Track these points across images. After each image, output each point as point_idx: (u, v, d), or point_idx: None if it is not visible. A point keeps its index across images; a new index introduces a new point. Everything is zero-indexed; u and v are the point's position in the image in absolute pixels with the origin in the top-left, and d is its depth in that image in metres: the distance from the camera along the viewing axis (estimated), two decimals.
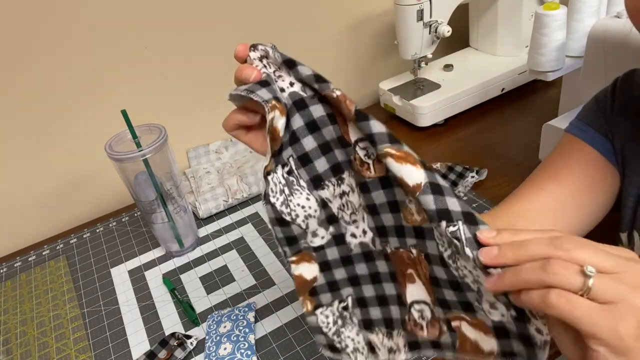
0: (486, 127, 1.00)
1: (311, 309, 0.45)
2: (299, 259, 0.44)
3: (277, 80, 0.42)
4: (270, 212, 0.41)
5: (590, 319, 0.27)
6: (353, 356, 0.45)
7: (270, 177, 0.41)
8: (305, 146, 0.41)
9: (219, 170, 0.95)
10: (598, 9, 0.77)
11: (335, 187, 0.42)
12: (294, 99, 0.41)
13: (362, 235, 0.43)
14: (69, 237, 0.89)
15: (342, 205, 0.43)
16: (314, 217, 0.43)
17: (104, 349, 0.66)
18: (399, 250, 0.41)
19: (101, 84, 0.87)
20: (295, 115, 0.41)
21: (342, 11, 1.05)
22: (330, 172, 0.42)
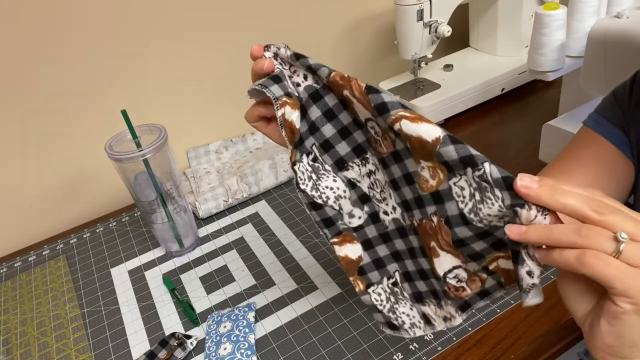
0: (486, 127, 1.00)
1: (363, 288, 0.47)
2: (341, 240, 0.46)
3: (292, 75, 0.46)
4: (304, 198, 0.45)
5: (623, 278, 0.29)
6: (411, 332, 0.47)
7: (297, 167, 0.44)
8: (325, 133, 0.45)
9: (219, 170, 0.95)
10: (598, 9, 0.77)
11: (361, 167, 0.44)
12: (309, 92, 0.45)
13: (393, 211, 0.45)
14: (69, 237, 0.89)
15: (371, 184, 0.45)
16: (345, 198, 0.45)
17: (104, 349, 0.66)
18: (422, 222, 0.43)
19: (101, 84, 0.87)
20: (313, 107, 0.45)
21: (342, 11, 1.05)
22: (352, 154, 0.45)
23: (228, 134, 1.03)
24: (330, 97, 0.44)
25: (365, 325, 0.62)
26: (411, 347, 0.58)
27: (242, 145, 1.01)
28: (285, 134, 0.44)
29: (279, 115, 0.43)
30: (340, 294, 0.67)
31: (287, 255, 0.76)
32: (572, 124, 0.77)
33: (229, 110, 1.01)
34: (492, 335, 0.59)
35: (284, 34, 1.00)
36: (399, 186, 0.43)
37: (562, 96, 0.88)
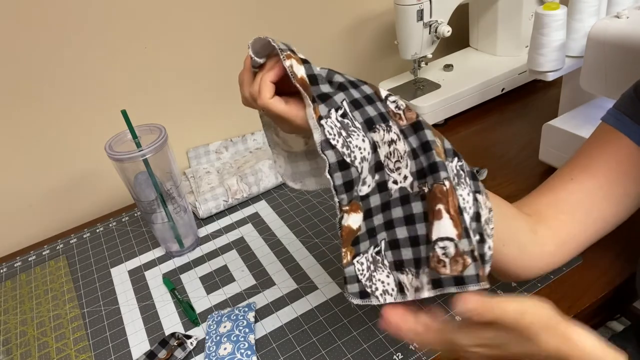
0: (486, 127, 1.00)
1: (350, 259, 0.46)
2: (350, 209, 0.45)
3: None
4: (332, 157, 0.42)
5: None
6: (382, 298, 0.46)
7: (324, 122, 0.42)
8: (353, 94, 0.45)
9: (219, 170, 0.95)
10: (598, 9, 0.77)
11: (385, 133, 0.44)
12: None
13: (403, 180, 0.45)
14: (69, 237, 0.89)
15: (389, 154, 0.45)
16: (366, 161, 0.44)
17: (104, 349, 0.66)
18: (434, 187, 0.43)
19: (101, 84, 0.87)
20: (336, 74, 0.46)
21: (342, 11, 1.05)
22: (379, 118, 0.44)
23: (228, 134, 1.03)
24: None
25: (365, 325, 0.62)
26: (411, 347, 0.58)
27: (242, 145, 1.01)
28: (303, 90, 0.43)
29: (287, 64, 0.42)
30: (340, 294, 0.67)
31: (287, 255, 0.76)
32: (572, 124, 0.77)
33: (229, 110, 1.01)
34: None
35: (284, 34, 1.00)
36: (417, 154, 0.45)
37: (562, 96, 0.88)
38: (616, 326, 0.95)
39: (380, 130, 0.44)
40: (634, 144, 0.53)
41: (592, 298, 0.60)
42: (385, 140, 0.44)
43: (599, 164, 0.55)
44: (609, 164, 0.54)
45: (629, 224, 0.56)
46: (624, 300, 0.59)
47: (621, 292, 0.62)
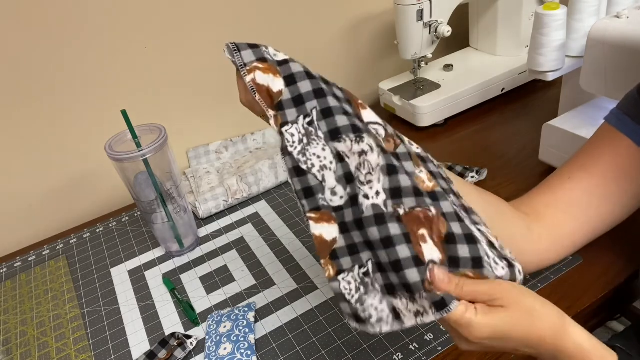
0: (486, 127, 1.00)
1: (333, 274, 0.45)
2: (319, 217, 0.45)
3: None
4: (289, 163, 0.44)
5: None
6: (377, 326, 0.44)
7: (285, 129, 0.44)
8: (329, 102, 0.44)
9: (219, 170, 0.95)
10: (598, 9, 0.77)
11: (353, 144, 0.43)
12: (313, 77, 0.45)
13: (375, 196, 0.43)
14: (69, 237, 0.89)
15: (359, 165, 0.44)
16: (330, 170, 0.44)
17: (104, 349, 0.66)
18: (414, 210, 0.42)
19: (101, 84, 0.87)
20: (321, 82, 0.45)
21: (342, 11, 1.05)
22: (350, 129, 0.44)
23: (228, 134, 1.03)
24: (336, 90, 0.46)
25: None
26: (411, 347, 0.58)
27: (242, 145, 1.01)
28: (259, 98, 0.44)
29: (247, 80, 0.43)
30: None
31: (287, 255, 0.76)
32: (572, 124, 0.77)
33: (229, 110, 1.01)
34: None
35: (284, 33, 1.00)
36: (396, 172, 0.43)
37: (562, 96, 0.88)
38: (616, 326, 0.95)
39: (346, 141, 0.43)
40: (635, 144, 0.53)
41: (592, 298, 0.60)
42: (354, 150, 0.43)
43: (598, 163, 0.55)
44: (608, 164, 0.54)
45: (629, 224, 0.57)
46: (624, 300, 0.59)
47: (621, 292, 0.62)
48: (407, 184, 0.43)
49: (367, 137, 0.44)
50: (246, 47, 0.44)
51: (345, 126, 0.43)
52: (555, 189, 0.56)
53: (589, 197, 0.54)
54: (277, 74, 0.44)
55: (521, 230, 0.54)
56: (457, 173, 0.83)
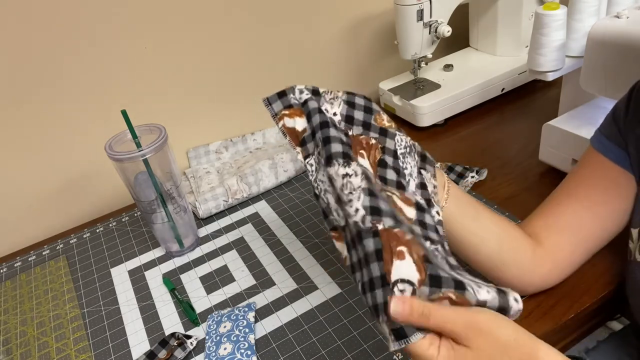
0: (486, 127, 1.00)
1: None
2: (338, 236, 0.48)
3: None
4: (313, 189, 0.50)
5: None
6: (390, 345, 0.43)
7: (307, 161, 0.50)
8: (330, 132, 0.48)
9: (219, 170, 0.95)
10: (598, 9, 0.77)
11: (339, 167, 0.46)
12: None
13: (354, 213, 0.43)
14: (69, 237, 0.89)
15: (343, 186, 0.45)
16: (329, 193, 0.47)
17: (104, 349, 0.66)
18: (393, 230, 0.41)
19: (101, 84, 0.87)
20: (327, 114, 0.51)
21: (342, 11, 1.05)
22: (340, 154, 0.47)
23: (228, 134, 1.03)
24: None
25: (365, 325, 0.62)
26: None
27: (242, 145, 1.01)
28: (289, 139, 0.50)
29: (279, 127, 0.50)
30: (340, 294, 0.67)
31: (287, 255, 0.76)
32: (572, 124, 0.77)
33: (229, 110, 1.01)
34: None
35: (284, 34, 1.00)
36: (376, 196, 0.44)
37: (562, 96, 0.88)
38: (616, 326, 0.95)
39: (335, 165, 0.46)
40: (613, 163, 0.56)
41: (592, 298, 0.60)
42: (339, 173, 0.46)
43: (583, 186, 0.58)
44: (593, 185, 0.57)
45: (628, 224, 0.57)
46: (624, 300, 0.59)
47: (621, 292, 0.62)
48: (386, 207, 0.43)
49: (355, 164, 0.46)
50: (275, 98, 0.51)
51: (337, 152, 0.47)
52: (548, 213, 0.59)
53: (579, 220, 0.57)
54: (302, 114, 0.50)
55: (528, 253, 0.56)
56: (457, 173, 0.83)
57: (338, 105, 0.51)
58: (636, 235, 0.55)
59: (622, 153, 0.55)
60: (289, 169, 0.91)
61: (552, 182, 0.65)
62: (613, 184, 0.56)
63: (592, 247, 0.59)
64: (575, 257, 0.59)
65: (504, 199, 0.77)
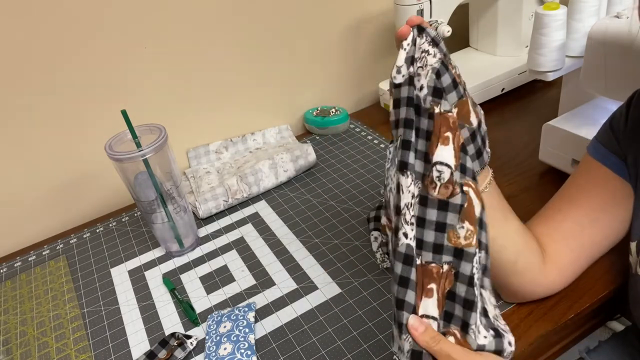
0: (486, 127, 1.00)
1: None
2: (389, 226, 0.49)
3: (417, 75, 0.47)
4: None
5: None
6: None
7: (389, 145, 0.50)
8: (410, 136, 0.46)
9: (219, 170, 0.95)
10: (598, 9, 0.77)
11: (412, 184, 0.46)
12: (416, 102, 0.47)
13: (412, 239, 0.46)
14: (69, 237, 0.89)
15: (409, 204, 0.46)
16: (392, 194, 0.47)
17: (104, 349, 0.66)
18: (429, 265, 0.45)
19: (101, 84, 0.87)
20: (412, 114, 0.47)
21: (342, 11, 1.05)
22: (414, 168, 0.46)
23: (228, 134, 1.03)
24: (424, 121, 0.46)
25: (365, 325, 0.62)
26: None
27: (242, 145, 1.01)
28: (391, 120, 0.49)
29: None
30: (340, 294, 0.67)
31: (287, 255, 0.76)
32: (572, 124, 0.77)
33: (229, 110, 1.01)
34: None
35: (284, 33, 1.00)
36: (424, 226, 0.46)
37: (562, 96, 0.88)
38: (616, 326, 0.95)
39: (408, 177, 0.46)
40: (611, 171, 0.56)
41: (592, 298, 0.60)
42: (411, 190, 0.46)
43: (582, 194, 0.58)
44: (592, 193, 0.57)
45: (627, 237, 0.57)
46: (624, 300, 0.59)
47: (621, 292, 0.62)
48: (430, 239, 0.45)
49: (414, 185, 0.46)
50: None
51: (412, 164, 0.46)
52: (548, 220, 0.59)
53: (580, 227, 0.57)
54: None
55: (539, 265, 0.57)
56: None
57: (425, 75, 0.46)
58: (634, 248, 0.55)
59: (620, 162, 0.56)
60: (289, 169, 0.91)
61: (552, 182, 0.65)
62: (611, 191, 0.56)
63: (594, 253, 0.59)
64: (578, 264, 0.59)
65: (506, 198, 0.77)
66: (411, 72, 0.46)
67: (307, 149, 0.94)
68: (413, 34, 0.46)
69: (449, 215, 0.45)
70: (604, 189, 0.56)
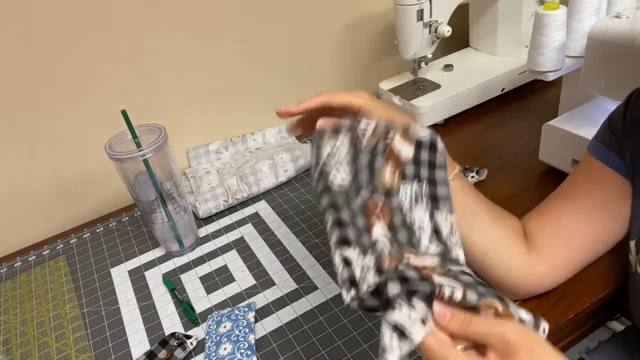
0: (486, 127, 1.00)
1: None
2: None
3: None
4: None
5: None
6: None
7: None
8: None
9: (219, 170, 0.95)
10: (598, 9, 0.77)
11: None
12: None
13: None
14: (69, 237, 0.89)
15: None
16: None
17: (104, 349, 0.66)
18: (367, 202, 0.46)
19: (101, 84, 0.87)
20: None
21: (342, 11, 1.05)
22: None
23: (228, 134, 1.03)
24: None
25: (366, 325, 0.62)
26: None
27: (242, 145, 1.01)
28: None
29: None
30: (341, 294, 0.67)
31: (287, 255, 0.76)
32: (572, 124, 0.77)
33: (229, 110, 1.01)
34: None
35: (284, 33, 1.00)
36: (358, 170, 0.47)
37: (562, 96, 0.88)
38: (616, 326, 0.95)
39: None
40: (612, 170, 0.56)
41: (592, 298, 0.60)
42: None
43: (581, 192, 0.58)
44: (591, 191, 0.57)
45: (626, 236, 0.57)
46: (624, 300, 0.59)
47: (621, 292, 0.62)
48: (363, 178, 0.47)
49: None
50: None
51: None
52: (545, 215, 0.59)
53: (576, 223, 0.57)
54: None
55: (520, 257, 0.56)
56: None
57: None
58: (634, 247, 0.55)
59: (619, 160, 0.56)
60: (289, 169, 0.91)
61: (552, 182, 0.65)
62: (612, 190, 0.56)
63: (593, 251, 0.59)
64: (574, 260, 0.58)
65: (504, 199, 0.77)
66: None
67: (307, 149, 0.94)
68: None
69: (377, 159, 0.47)
70: (604, 187, 0.57)
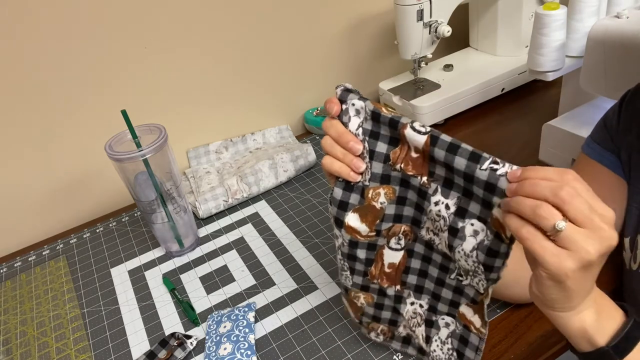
0: (486, 127, 1.00)
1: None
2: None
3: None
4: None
5: (545, 256, 0.36)
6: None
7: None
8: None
9: (219, 170, 0.95)
10: (598, 9, 0.77)
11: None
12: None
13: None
14: (69, 237, 0.89)
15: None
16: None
17: (104, 349, 0.66)
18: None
19: (101, 84, 0.87)
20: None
21: (342, 11, 1.05)
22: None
23: (228, 134, 1.03)
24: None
25: None
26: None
27: (242, 145, 1.01)
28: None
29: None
30: (341, 293, 0.67)
31: (287, 255, 0.76)
32: (572, 124, 0.77)
33: (229, 110, 1.01)
34: (492, 335, 0.59)
35: (284, 34, 1.00)
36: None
37: (562, 96, 0.88)
38: None
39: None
40: (606, 168, 0.57)
41: None
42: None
43: None
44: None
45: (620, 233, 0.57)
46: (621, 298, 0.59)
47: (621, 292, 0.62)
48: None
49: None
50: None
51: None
52: None
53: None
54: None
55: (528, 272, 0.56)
56: None
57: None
58: (628, 244, 0.56)
59: (615, 158, 0.56)
60: (289, 169, 0.91)
61: None
62: (608, 188, 0.57)
63: None
64: None
65: None
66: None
67: (307, 149, 0.94)
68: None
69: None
70: (600, 185, 0.56)
